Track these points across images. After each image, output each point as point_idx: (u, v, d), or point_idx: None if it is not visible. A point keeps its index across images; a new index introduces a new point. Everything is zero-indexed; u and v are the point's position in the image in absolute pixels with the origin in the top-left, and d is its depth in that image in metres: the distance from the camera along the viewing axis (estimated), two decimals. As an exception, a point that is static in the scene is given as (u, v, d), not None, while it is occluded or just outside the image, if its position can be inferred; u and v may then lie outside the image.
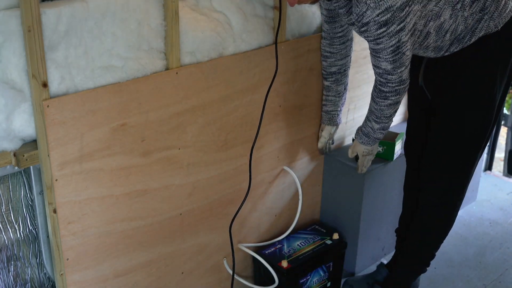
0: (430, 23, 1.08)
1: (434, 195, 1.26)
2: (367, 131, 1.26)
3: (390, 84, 1.12)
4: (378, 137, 1.26)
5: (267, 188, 1.39)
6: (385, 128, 1.23)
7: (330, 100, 1.37)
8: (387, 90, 1.13)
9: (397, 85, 1.12)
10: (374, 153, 1.33)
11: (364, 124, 1.27)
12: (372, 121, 1.23)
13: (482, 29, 1.10)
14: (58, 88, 0.95)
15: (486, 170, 2.08)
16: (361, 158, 1.33)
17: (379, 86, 1.14)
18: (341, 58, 1.31)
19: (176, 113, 1.12)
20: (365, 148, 1.29)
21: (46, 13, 0.90)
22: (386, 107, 1.17)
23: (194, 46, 1.11)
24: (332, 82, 1.34)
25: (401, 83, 1.12)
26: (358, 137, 1.30)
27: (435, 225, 1.31)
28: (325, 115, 1.39)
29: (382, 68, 1.09)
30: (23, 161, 0.95)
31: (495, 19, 1.09)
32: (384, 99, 1.15)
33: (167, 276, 1.23)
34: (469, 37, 1.11)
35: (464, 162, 1.22)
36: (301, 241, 1.42)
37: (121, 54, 1.01)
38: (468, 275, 1.56)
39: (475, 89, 1.15)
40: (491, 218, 1.83)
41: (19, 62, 0.90)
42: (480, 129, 1.18)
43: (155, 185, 1.14)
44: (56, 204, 0.99)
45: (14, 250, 1.05)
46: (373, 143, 1.28)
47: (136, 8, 1.01)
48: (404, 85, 1.13)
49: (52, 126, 0.95)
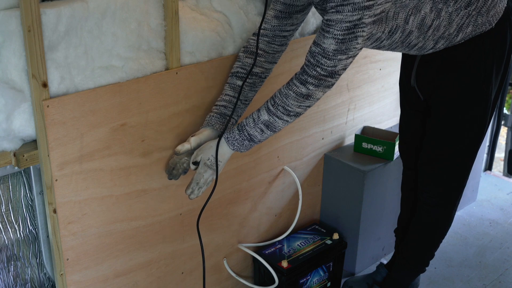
0: (410, 18, 0.99)
1: (432, 195, 1.26)
2: (246, 123, 0.98)
3: (318, 69, 0.91)
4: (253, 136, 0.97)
5: (267, 188, 1.38)
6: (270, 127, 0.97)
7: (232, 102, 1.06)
8: (311, 74, 0.92)
9: (325, 74, 0.92)
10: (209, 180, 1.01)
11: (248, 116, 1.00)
12: (263, 109, 0.97)
13: (469, 24, 1.04)
14: (58, 88, 0.95)
15: (486, 170, 2.08)
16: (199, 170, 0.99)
17: (304, 66, 0.94)
18: (271, 62, 1.11)
19: (176, 113, 1.12)
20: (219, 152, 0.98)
21: (46, 13, 0.90)
22: (294, 96, 0.94)
23: (194, 46, 1.11)
24: (248, 84, 1.08)
25: (332, 74, 0.92)
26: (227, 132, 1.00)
27: (433, 225, 1.30)
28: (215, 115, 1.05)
29: (323, 46, 0.91)
30: (23, 161, 0.95)
31: (483, 15, 1.04)
32: (300, 83, 0.93)
33: (167, 276, 1.23)
34: (455, 33, 1.04)
35: (461, 162, 1.21)
36: (301, 241, 1.42)
37: (121, 54, 1.01)
38: (468, 275, 1.56)
39: (469, 88, 1.13)
40: (491, 218, 1.82)
41: (19, 62, 0.90)
42: (476, 128, 1.17)
43: (155, 185, 1.13)
44: (56, 204, 0.99)
45: (14, 250, 1.05)
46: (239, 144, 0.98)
47: (136, 8, 1.01)
48: (332, 80, 0.93)
49: (52, 126, 0.94)
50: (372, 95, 1.57)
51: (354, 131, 1.55)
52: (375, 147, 1.48)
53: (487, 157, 2.04)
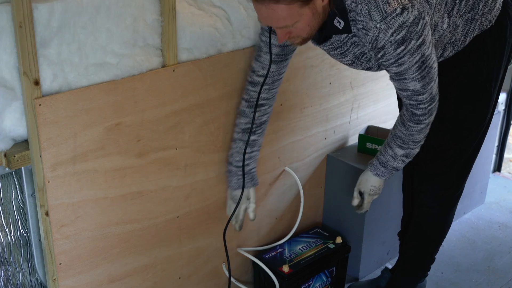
0: None
1: (429, 196, 1.24)
2: (385, 160, 1.13)
3: (422, 106, 1.03)
4: (397, 167, 1.13)
5: (268, 190, 1.36)
6: (409, 156, 1.11)
7: (253, 157, 1.18)
8: (420, 113, 1.04)
9: (429, 104, 1.03)
10: (380, 192, 1.18)
11: (382, 151, 1.13)
12: (395, 147, 1.10)
13: (475, 29, 1.07)
14: (51, 86, 0.93)
15: (495, 171, 2.05)
16: (367, 197, 1.18)
17: (411, 109, 1.04)
18: (272, 104, 1.16)
19: (173, 112, 1.09)
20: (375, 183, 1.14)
21: (38, 8, 0.88)
22: (417, 132, 1.07)
23: (191, 42, 1.09)
24: (259, 134, 1.16)
25: (432, 100, 1.03)
26: (372, 168, 1.15)
27: (432, 227, 1.29)
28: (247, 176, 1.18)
29: (411, 89, 1.00)
30: (14, 162, 0.93)
31: (486, 16, 1.06)
32: (417, 124, 1.06)
33: (164, 281, 1.21)
34: (463, 39, 1.07)
35: (460, 162, 1.20)
36: (302, 245, 1.40)
37: (116, 51, 0.99)
38: (476, 280, 1.53)
39: (471, 86, 1.13)
40: (500, 221, 1.79)
41: (10, 59, 0.88)
42: (477, 125, 1.17)
43: (151, 186, 1.11)
44: (48, 206, 0.97)
45: (5, 255, 1.03)
46: (388, 175, 1.14)
47: (132, 2, 0.99)
48: (435, 102, 1.04)
49: (44, 126, 0.92)
50: (376, 93, 1.54)
51: (357, 130, 1.53)
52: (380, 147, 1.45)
53: (496, 158, 2.02)
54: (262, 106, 1.13)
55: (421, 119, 1.05)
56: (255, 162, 1.20)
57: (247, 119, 1.15)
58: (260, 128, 1.17)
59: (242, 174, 1.15)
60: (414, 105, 1.03)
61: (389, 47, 0.94)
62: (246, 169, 1.17)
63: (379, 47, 0.95)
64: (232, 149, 1.18)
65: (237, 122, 1.16)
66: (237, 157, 1.17)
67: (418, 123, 1.06)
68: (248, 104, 1.14)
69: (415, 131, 1.07)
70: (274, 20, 0.90)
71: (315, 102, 1.38)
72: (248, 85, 1.14)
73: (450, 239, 1.66)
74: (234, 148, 1.17)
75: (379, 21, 0.91)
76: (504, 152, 2.02)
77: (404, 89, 1.01)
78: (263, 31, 1.06)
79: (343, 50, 1.03)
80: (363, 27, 0.93)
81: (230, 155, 1.18)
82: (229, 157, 1.19)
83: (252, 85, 1.12)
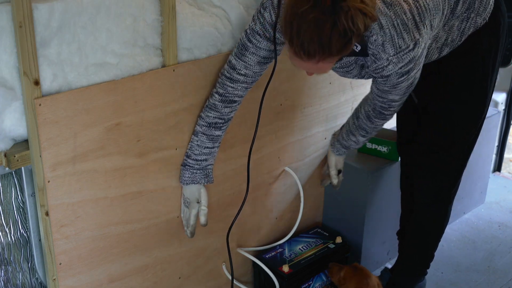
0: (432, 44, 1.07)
1: (427, 191, 1.25)
2: (348, 144, 1.28)
3: (392, 109, 1.12)
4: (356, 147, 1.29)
5: (268, 190, 1.36)
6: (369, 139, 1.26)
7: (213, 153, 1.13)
8: (387, 113, 1.14)
9: (398, 107, 1.12)
10: None
11: (345, 137, 1.27)
12: (359, 136, 1.23)
13: (470, 27, 1.08)
14: (51, 86, 0.93)
15: (495, 171, 2.05)
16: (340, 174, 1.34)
17: (380, 109, 1.13)
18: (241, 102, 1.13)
19: (173, 112, 1.09)
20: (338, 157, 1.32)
21: (38, 8, 0.88)
22: (381, 125, 1.20)
23: (191, 42, 1.09)
24: (223, 130, 1.13)
25: (402, 104, 1.12)
26: (335, 149, 1.31)
27: (432, 223, 1.29)
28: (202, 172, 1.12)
29: (389, 98, 1.08)
30: (14, 162, 0.93)
31: (481, 14, 1.07)
32: (383, 120, 1.17)
33: (164, 281, 1.21)
34: (459, 39, 1.09)
35: (458, 158, 1.21)
36: (303, 245, 1.40)
37: (116, 51, 0.99)
38: (476, 280, 1.53)
39: (466, 85, 1.14)
40: (500, 221, 1.79)
41: (10, 59, 0.88)
42: (473, 123, 1.18)
43: (151, 186, 1.11)
44: (48, 206, 0.97)
45: (5, 255, 1.03)
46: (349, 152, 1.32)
47: (132, 2, 0.99)
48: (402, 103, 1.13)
49: (44, 126, 0.92)
50: (376, 94, 1.54)
51: (357, 131, 1.52)
52: (380, 147, 1.46)
53: (496, 158, 2.02)
54: (234, 102, 1.10)
55: (388, 117, 1.15)
56: (213, 159, 1.14)
57: (217, 114, 1.09)
58: (227, 124, 1.12)
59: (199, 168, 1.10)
60: (385, 108, 1.12)
61: (394, 76, 0.98)
62: (203, 164, 1.11)
63: (385, 76, 0.98)
64: (192, 142, 1.11)
65: (203, 115, 1.10)
66: (197, 151, 1.11)
67: (384, 119, 1.16)
68: (222, 98, 1.08)
69: (380, 124, 1.19)
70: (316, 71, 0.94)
71: (315, 102, 1.38)
72: (225, 80, 1.07)
73: (450, 239, 1.66)
74: (194, 141, 1.11)
75: (392, 54, 0.93)
76: (504, 152, 2.03)
77: (383, 96, 1.08)
78: (254, 33, 1.02)
79: (350, 69, 1.07)
80: (373, 54, 0.95)
81: (190, 148, 1.11)
82: (188, 150, 1.11)
83: (231, 81, 1.07)
